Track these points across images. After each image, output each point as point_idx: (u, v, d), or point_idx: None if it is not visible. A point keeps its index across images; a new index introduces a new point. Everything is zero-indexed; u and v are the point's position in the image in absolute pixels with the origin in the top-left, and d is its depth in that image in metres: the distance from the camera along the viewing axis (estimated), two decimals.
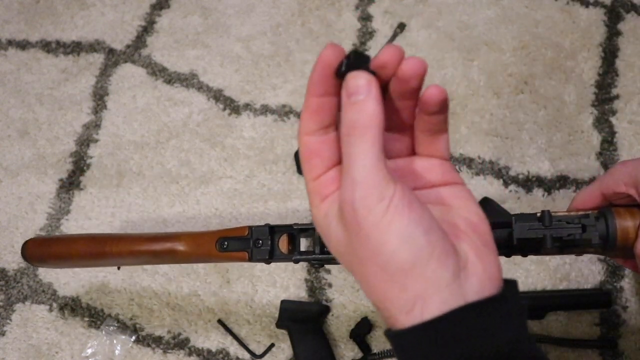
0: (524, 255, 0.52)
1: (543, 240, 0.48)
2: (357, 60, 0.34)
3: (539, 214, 0.49)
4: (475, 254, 0.36)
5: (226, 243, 0.57)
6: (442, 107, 0.38)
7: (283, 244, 0.56)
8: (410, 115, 0.39)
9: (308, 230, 0.55)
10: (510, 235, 0.49)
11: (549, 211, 0.49)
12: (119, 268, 0.74)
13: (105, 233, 0.70)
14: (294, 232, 0.55)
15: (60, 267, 0.69)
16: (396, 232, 0.33)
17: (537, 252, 0.51)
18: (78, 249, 0.63)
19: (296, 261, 0.55)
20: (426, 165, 0.41)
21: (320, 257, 0.54)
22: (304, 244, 0.56)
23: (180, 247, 0.60)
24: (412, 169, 0.41)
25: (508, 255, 0.52)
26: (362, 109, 0.34)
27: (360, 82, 0.34)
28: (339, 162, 0.37)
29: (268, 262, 0.56)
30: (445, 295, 0.33)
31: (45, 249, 0.65)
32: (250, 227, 0.56)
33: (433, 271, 0.33)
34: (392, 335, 0.35)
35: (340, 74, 0.34)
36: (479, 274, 0.35)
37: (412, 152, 0.41)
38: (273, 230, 0.56)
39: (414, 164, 0.41)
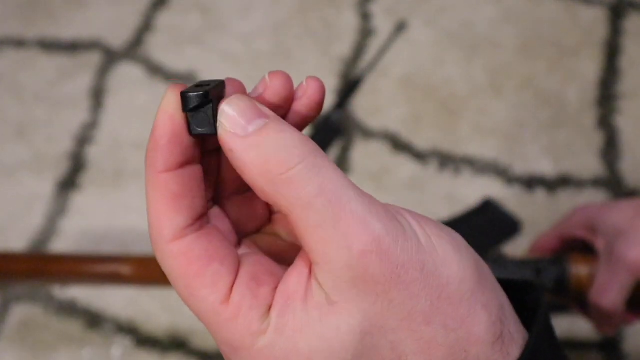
0: None
1: None
2: (204, 92, 0.23)
3: (494, 258, 0.50)
4: None
5: None
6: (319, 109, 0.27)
7: None
8: None
9: None
10: None
11: (504, 255, 0.51)
12: (61, 286, 0.71)
13: (47, 253, 0.67)
14: None
15: None
16: (447, 248, 0.24)
17: None
18: (17, 267, 0.61)
19: None
20: None
21: None
22: None
23: (124, 270, 0.57)
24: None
25: None
26: (282, 134, 0.22)
27: (243, 104, 0.23)
28: (237, 267, 0.24)
29: None
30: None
31: None
32: None
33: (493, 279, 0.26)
34: None
35: (192, 123, 0.23)
36: None
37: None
38: None
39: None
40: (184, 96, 0.23)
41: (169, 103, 0.23)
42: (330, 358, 0.22)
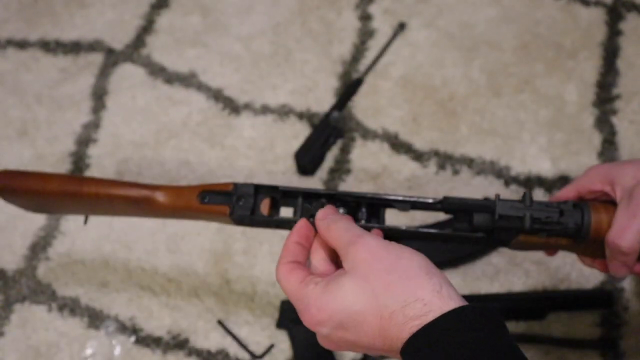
0: (501, 242, 0.54)
1: (523, 219, 0.51)
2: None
3: (522, 196, 0.52)
4: None
5: (208, 197, 0.56)
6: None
7: (265, 206, 0.55)
8: None
9: (292, 194, 0.55)
10: (492, 215, 0.52)
11: (530, 192, 0.52)
12: (86, 221, 0.69)
13: (83, 176, 0.65)
14: (277, 195, 0.55)
15: (31, 206, 0.65)
16: (403, 248, 0.46)
17: (514, 236, 0.53)
18: (53, 186, 0.60)
19: (275, 223, 0.55)
20: None
21: None
22: (284, 212, 0.56)
23: (159, 196, 0.58)
24: None
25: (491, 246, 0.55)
26: (339, 224, 0.49)
27: (326, 210, 0.51)
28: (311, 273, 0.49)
29: (250, 221, 0.55)
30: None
31: (19, 182, 0.61)
32: (235, 184, 0.55)
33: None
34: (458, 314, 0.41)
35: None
36: None
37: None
38: (257, 190, 0.55)
39: None
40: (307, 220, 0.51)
41: (301, 226, 0.51)
42: (341, 288, 0.44)
